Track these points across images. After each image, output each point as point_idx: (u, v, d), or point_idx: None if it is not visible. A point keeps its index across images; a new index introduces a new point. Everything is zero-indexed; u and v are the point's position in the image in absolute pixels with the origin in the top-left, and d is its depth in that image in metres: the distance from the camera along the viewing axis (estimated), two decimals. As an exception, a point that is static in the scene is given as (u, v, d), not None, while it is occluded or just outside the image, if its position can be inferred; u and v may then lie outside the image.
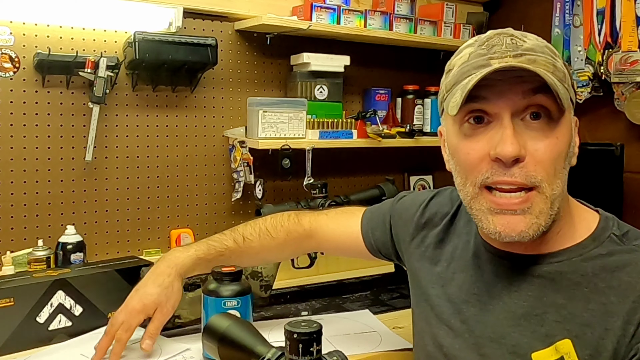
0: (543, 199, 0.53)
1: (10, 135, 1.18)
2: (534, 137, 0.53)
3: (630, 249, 0.56)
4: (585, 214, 0.61)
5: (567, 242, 0.58)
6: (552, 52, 0.56)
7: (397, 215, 0.77)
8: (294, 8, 1.45)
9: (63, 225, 1.19)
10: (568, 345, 0.54)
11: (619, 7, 1.44)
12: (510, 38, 0.55)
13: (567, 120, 0.55)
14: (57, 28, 1.21)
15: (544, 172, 0.53)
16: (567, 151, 0.55)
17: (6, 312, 0.95)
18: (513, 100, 0.53)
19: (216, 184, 1.43)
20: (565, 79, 0.55)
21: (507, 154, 0.52)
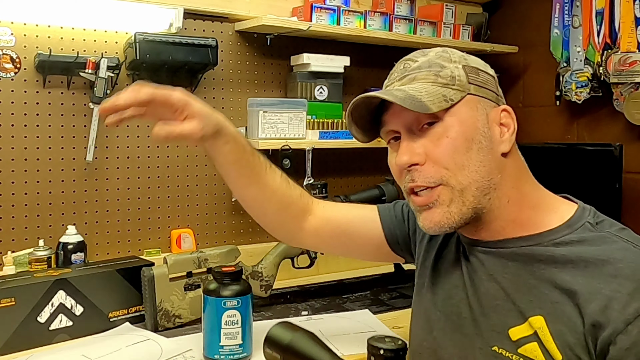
0: (449, 189, 0.60)
1: (11, 135, 1.18)
2: (429, 141, 0.61)
3: (602, 236, 0.60)
4: (560, 205, 0.65)
5: (534, 229, 0.63)
6: (443, 61, 0.63)
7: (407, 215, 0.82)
8: (294, 9, 1.46)
9: (64, 225, 1.20)
10: (540, 321, 0.58)
11: (618, 7, 1.45)
12: (404, 63, 0.65)
13: (463, 116, 0.61)
14: (58, 29, 1.21)
15: (443, 170, 0.60)
16: (470, 144, 0.61)
17: (7, 312, 0.95)
18: (402, 118, 0.62)
19: (216, 184, 1.43)
20: (455, 82, 0.61)
21: (400, 163, 0.62)
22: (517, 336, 0.59)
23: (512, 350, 0.59)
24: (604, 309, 0.54)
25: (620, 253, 0.57)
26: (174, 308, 1.07)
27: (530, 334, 0.59)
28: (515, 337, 0.60)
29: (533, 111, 1.74)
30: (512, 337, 0.60)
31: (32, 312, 0.98)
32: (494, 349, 0.61)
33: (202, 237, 1.41)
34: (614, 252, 0.57)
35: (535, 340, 0.58)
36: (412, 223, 0.80)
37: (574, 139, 1.62)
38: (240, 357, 0.92)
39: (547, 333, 0.57)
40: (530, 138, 1.72)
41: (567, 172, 1.49)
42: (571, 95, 1.55)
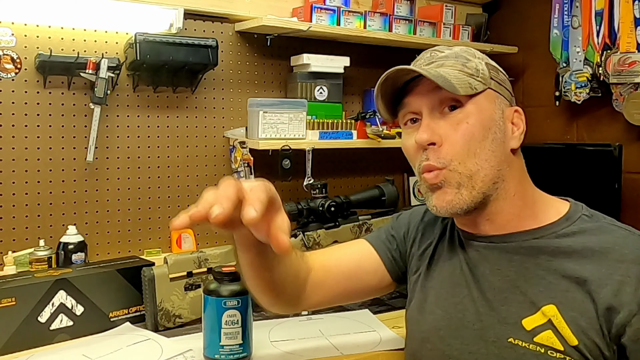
0: (456, 174, 0.63)
1: (12, 135, 1.18)
2: (448, 125, 0.64)
3: (600, 226, 0.64)
4: (553, 202, 0.69)
5: (536, 223, 0.65)
6: (469, 55, 0.67)
7: (399, 227, 0.82)
8: (294, 9, 1.46)
9: (64, 226, 1.20)
10: (553, 310, 0.60)
11: (618, 8, 1.45)
12: (431, 52, 0.68)
13: (482, 107, 0.64)
14: (59, 29, 1.21)
15: (454, 153, 0.63)
16: (486, 133, 0.64)
17: (8, 312, 0.95)
18: (427, 98, 0.64)
19: (217, 184, 1.43)
20: (479, 74, 0.65)
21: (420, 139, 0.64)
22: (531, 326, 0.60)
23: (528, 339, 0.60)
24: (616, 292, 0.57)
25: (622, 240, 0.61)
26: (174, 308, 1.07)
27: (544, 322, 0.60)
28: (530, 326, 0.60)
29: (533, 111, 1.74)
30: (526, 327, 0.61)
31: (32, 312, 0.98)
32: (509, 340, 0.61)
33: (202, 237, 1.42)
34: (616, 239, 0.61)
35: (550, 328, 0.59)
36: (400, 233, 0.80)
37: (574, 139, 1.62)
38: (241, 357, 0.92)
39: (561, 320, 0.59)
40: (530, 138, 1.70)
41: (566, 172, 1.50)
42: (571, 95, 1.55)
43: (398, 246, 0.80)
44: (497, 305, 0.64)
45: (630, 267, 0.58)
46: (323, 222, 1.26)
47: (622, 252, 0.59)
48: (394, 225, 0.82)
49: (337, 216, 1.26)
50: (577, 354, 0.58)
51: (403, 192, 1.73)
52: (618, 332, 0.57)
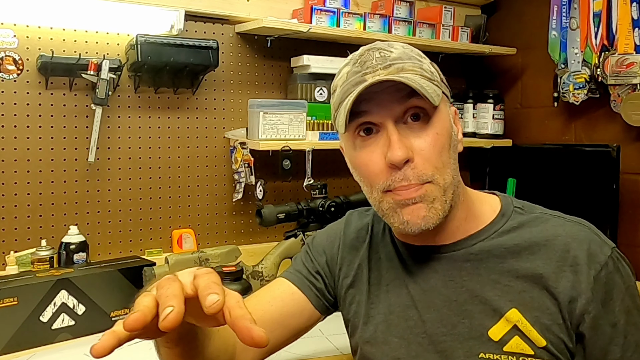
0: (437, 188, 0.58)
1: (14, 136, 1.19)
2: (418, 137, 0.58)
3: (536, 217, 0.63)
4: (485, 198, 0.66)
5: (479, 224, 0.63)
6: (418, 57, 0.61)
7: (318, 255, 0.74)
8: (294, 11, 1.47)
9: (66, 226, 1.21)
10: (516, 314, 0.58)
11: (616, 9, 1.45)
12: (379, 52, 0.60)
13: (443, 113, 0.60)
14: (60, 31, 1.22)
15: (432, 168, 0.58)
16: (450, 142, 0.60)
17: (10, 311, 0.96)
18: (392, 109, 0.58)
19: (217, 184, 1.44)
20: (434, 77, 0.60)
21: (396, 158, 0.57)
22: (498, 336, 0.58)
23: (499, 351, 0.58)
24: (573, 283, 0.57)
25: (561, 228, 0.61)
26: (175, 307, 1.08)
27: (510, 329, 0.58)
28: (497, 337, 0.58)
29: (531, 112, 1.75)
30: (494, 339, 0.58)
31: (34, 311, 0.99)
32: (481, 356, 0.58)
33: (203, 237, 1.42)
34: (555, 229, 0.61)
35: (516, 334, 0.58)
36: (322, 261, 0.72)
37: (572, 140, 1.63)
38: (241, 356, 0.92)
39: (526, 323, 0.58)
40: (529, 139, 1.73)
41: (565, 172, 1.50)
42: (569, 96, 1.56)
43: (322, 277, 0.72)
44: (458, 320, 0.60)
45: (577, 255, 0.58)
46: (323, 222, 1.27)
47: (565, 242, 0.59)
48: (312, 253, 0.74)
49: (337, 216, 1.26)
50: (547, 354, 0.57)
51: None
52: (577, 321, 0.57)
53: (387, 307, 0.65)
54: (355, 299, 0.69)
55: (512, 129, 1.74)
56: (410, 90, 0.56)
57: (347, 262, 0.71)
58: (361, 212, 0.76)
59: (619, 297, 0.58)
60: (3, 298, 0.96)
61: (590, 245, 0.59)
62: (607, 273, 0.58)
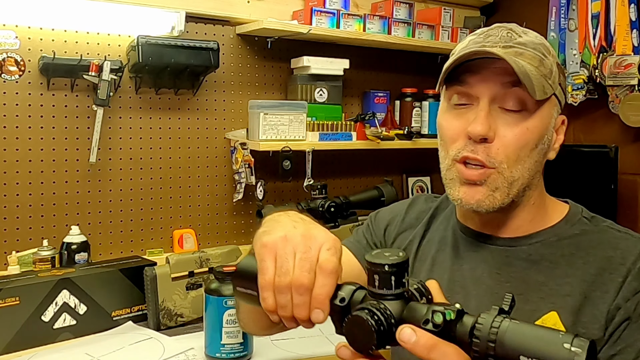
0: (500, 178, 0.58)
1: (16, 137, 1.20)
2: (505, 124, 0.58)
3: (600, 229, 0.63)
4: (556, 204, 0.66)
5: (541, 226, 0.63)
6: (545, 50, 0.60)
7: (377, 226, 0.76)
8: (294, 12, 1.47)
9: (68, 226, 1.21)
10: (554, 317, 0.58)
11: (614, 11, 1.46)
12: (507, 31, 0.60)
13: (544, 114, 0.59)
14: (62, 32, 1.22)
15: (505, 156, 0.58)
16: (538, 142, 0.59)
17: (12, 311, 0.96)
18: (493, 88, 0.58)
19: (218, 185, 1.44)
20: (551, 76, 0.59)
21: (475, 132, 0.57)
22: None
23: None
24: (618, 296, 0.57)
25: (623, 242, 0.60)
26: (176, 307, 1.09)
27: None
28: None
29: (530, 113, 1.76)
30: None
31: (36, 311, 0.99)
32: None
33: (203, 237, 1.43)
34: (616, 242, 0.60)
35: None
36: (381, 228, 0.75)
37: (570, 140, 1.63)
38: (241, 356, 0.93)
39: (561, 327, 0.57)
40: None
41: (563, 173, 1.51)
42: (567, 97, 1.57)
43: (378, 245, 0.75)
44: None
45: (631, 269, 0.57)
46: (323, 222, 1.28)
47: (623, 255, 0.59)
48: (373, 226, 0.77)
49: (337, 216, 1.28)
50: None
51: (402, 192, 1.74)
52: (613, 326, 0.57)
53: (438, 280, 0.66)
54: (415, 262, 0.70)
55: (511, 129, 1.75)
56: (516, 79, 0.56)
57: (401, 236, 0.73)
58: (429, 196, 0.76)
59: None
60: (5, 298, 0.96)
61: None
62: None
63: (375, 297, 0.42)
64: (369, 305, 0.41)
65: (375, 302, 0.41)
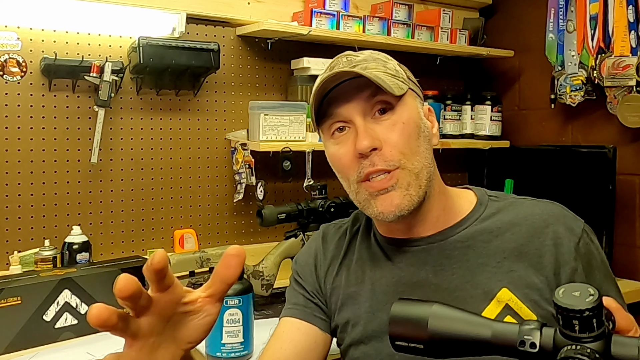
0: (407, 172, 0.62)
1: (18, 137, 1.20)
2: (385, 128, 0.62)
3: (511, 202, 0.67)
4: (461, 192, 0.70)
5: (458, 215, 0.66)
6: (384, 59, 0.66)
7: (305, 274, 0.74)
8: (294, 14, 1.48)
9: (69, 226, 1.22)
10: (507, 293, 0.61)
11: (612, 12, 1.47)
12: (346, 57, 0.66)
13: (410, 106, 0.64)
14: (64, 33, 1.23)
15: (400, 154, 0.62)
16: (419, 131, 0.64)
17: (14, 311, 0.97)
18: (359, 105, 0.63)
19: (218, 185, 1.45)
20: (398, 75, 0.64)
21: (363, 147, 0.61)
22: (491, 316, 0.60)
23: None
24: (555, 256, 0.61)
25: (537, 208, 0.65)
26: (177, 307, 1.09)
27: (502, 309, 0.60)
28: (491, 317, 0.58)
29: (528, 114, 1.77)
30: None
31: (38, 310, 1.00)
32: None
33: (204, 237, 1.43)
34: (531, 208, 0.65)
35: (508, 313, 0.60)
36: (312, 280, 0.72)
37: (569, 141, 1.64)
38: (242, 355, 0.93)
39: (517, 300, 0.60)
40: (526, 140, 1.74)
41: (562, 173, 1.52)
42: (566, 98, 1.57)
43: (318, 296, 0.71)
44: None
45: (557, 229, 0.61)
46: (323, 222, 1.27)
47: (543, 218, 0.63)
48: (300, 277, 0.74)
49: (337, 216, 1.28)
50: None
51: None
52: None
53: (375, 305, 0.65)
54: (340, 304, 0.69)
55: (510, 130, 1.76)
56: (374, 87, 0.61)
57: (330, 273, 0.71)
58: (335, 224, 0.77)
59: (597, 265, 0.62)
60: (7, 297, 0.97)
61: (566, 220, 0.63)
62: (585, 244, 0.62)
63: (575, 340, 0.40)
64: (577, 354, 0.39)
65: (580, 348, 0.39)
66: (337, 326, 0.70)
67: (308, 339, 0.69)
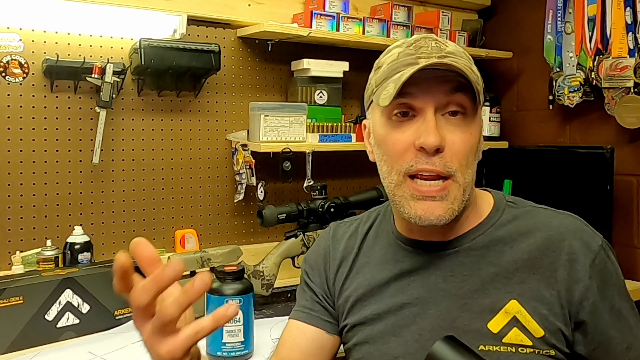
0: (457, 186, 0.60)
1: (20, 138, 1.21)
2: (452, 131, 0.59)
3: (528, 211, 0.65)
4: (482, 195, 0.68)
5: (476, 219, 0.65)
6: (469, 57, 0.62)
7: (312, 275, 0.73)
8: (295, 15, 1.49)
9: (71, 226, 1.23)
10: (515, 305, 0.60)
11: (609, 14, 1.48)
12: (435, 42, 0.61)
13: (479, 118, 0.62)
14: (65, 35, 1.24)
15: (457, 163, 0.59)
16: (479, 145, 0.62)
17: (16, 310, 0.97)
18: (437, 97, 0.59)
19: (219, 185, 1.46)
20: (479, 81, 0.61)
21: (430, 143, 0.57)
22: (497, 328, 0.59)
23: (497, 343, 0.59)
24: (569, 271, 0.59)
25: (554, 220, 0.63)
26: (178, 306, 1.10)
27: (509, 321, 0.59)
28: (496, 329, 0.59)
29: (527, 115, 1.77)
30: (493, 331, 0.59)
31: (39, 310, 1.00)
32: (480, 349, 0.59)
33: (205, 237, 1.44)
34: (548, 220, 0.63)
35: (515, 326, 0.59)
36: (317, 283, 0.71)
37: (567, 142, 1.65)
38: (242, 354, 0.94)
39: (525, 314, 0.59)
40: (524, 141, 1.75)
41: (560, 174, 1.53)
42: (564, 99, 1.58)
43: (326, 298, 0.71)
44: (458, 314, 0.61)
45: (572, 244, 0.60)
46: (323, 222, 1.29)
47: (559, 232, 0.61)
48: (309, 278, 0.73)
49: (337, 217, 1.29)
50: (544, 345, 0.58)
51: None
52: (577, 309, 0.59)
53: (383, 307, 0.65)
54: (349, 305, 0.68)
55: (508, 131, 1.77)
56: (457, 85, 0.58)
57: (339, 273, 0.70)
58: (346, 222, 0.75)
59: (612, 282, 0.61)
60: (9, 297, 0.97)
61: (583, 235, 0.61)
62: (601, 261, 0.60)
63: None
64: None
65: None
66: (345, 327, 0.69)
67: (314, 344, 0.69)
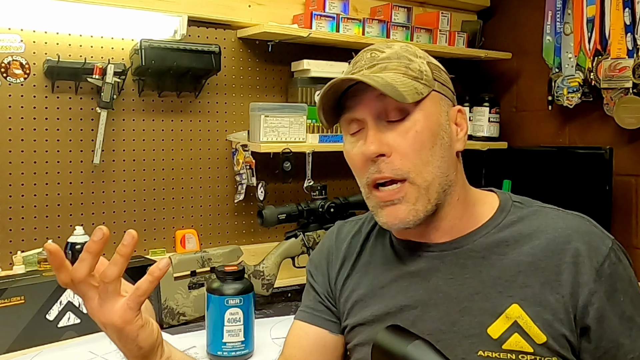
0: (415, 188, 0.59)
1: (21, 139, 1.21)
2: (396, 134, 0.59)
3: (535, 211, 0.63)
4: (484, 196, 0.66)
5: (477, 222, 0.63)
6: (411, 55, 0.62)
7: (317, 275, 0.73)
8: (295, 16, 1.50)
9: (72, 226, 1.23)
10: (517, 310, 0.58)
11: (608, 15, 1.48)
12: (370, 52, 0.62)
13: (428, 112, 0.60)
14: (66, 36, 1.24)
15: (410, 164, 0.59)
16: (434, 140, 0.60)
17: (17, 310, 0.98)
18: (371, 105, 0.60)
19: (219, 186, 1.46)
20: (421, 76, 0.60)
21: (369, 152, 0.59)
22: (497, 333, 0.58)
23: (497, 348, 0.57)
24: (574, 275, 0.57)
25: (561, 221, 0.61)
26: (178, 306, 1.10)
27: (509, 326, 0.58)
28: (496, 334, 0.58)
29: (526, 115, 1.78)
30: (493, 336, 0.58)
31: (41, 309, 1.01)
32: (479, 354, 0.58)
33: (205, 237, 1.44)
34: (554, 221, 0.61)
35: (516, 331, 0.57)
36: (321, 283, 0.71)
37: (566, 142, 1.66)
38: (243, 354, 0.94)
39: (527, 319, 0.57)
40: (524, 141, 1.76)
41: (559, 174, 1.53)
42: (563, 100, 1.59)
43: (329, 298, 0.71)
44: (458, 318, 0.60)
45: (578, 247, 0.58)
46: (323, 222, 1.30)
47: (565, 234, 0.59)
48: (313, 278, 0.73)
49: (337, 217, 1.30)
50: (547, 351, 0.56)
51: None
52: (581, 314, 0.57)
53: (383, 308, 0.64)
54: (350, 306, 0.68)
55: (508, 131, 1.77)
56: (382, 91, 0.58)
57: (341, 273, 0.70)
58: (351, 221, 0.75)
59: (623, 288, 0.58)
60: (10, 297, 0.98)
61: (591, 238, 0.59)
62: (610, 264, 0.57)
63: None
64: None
65: None
66: (346, 327, 0.69)
67: (316, 343, 0.69)
